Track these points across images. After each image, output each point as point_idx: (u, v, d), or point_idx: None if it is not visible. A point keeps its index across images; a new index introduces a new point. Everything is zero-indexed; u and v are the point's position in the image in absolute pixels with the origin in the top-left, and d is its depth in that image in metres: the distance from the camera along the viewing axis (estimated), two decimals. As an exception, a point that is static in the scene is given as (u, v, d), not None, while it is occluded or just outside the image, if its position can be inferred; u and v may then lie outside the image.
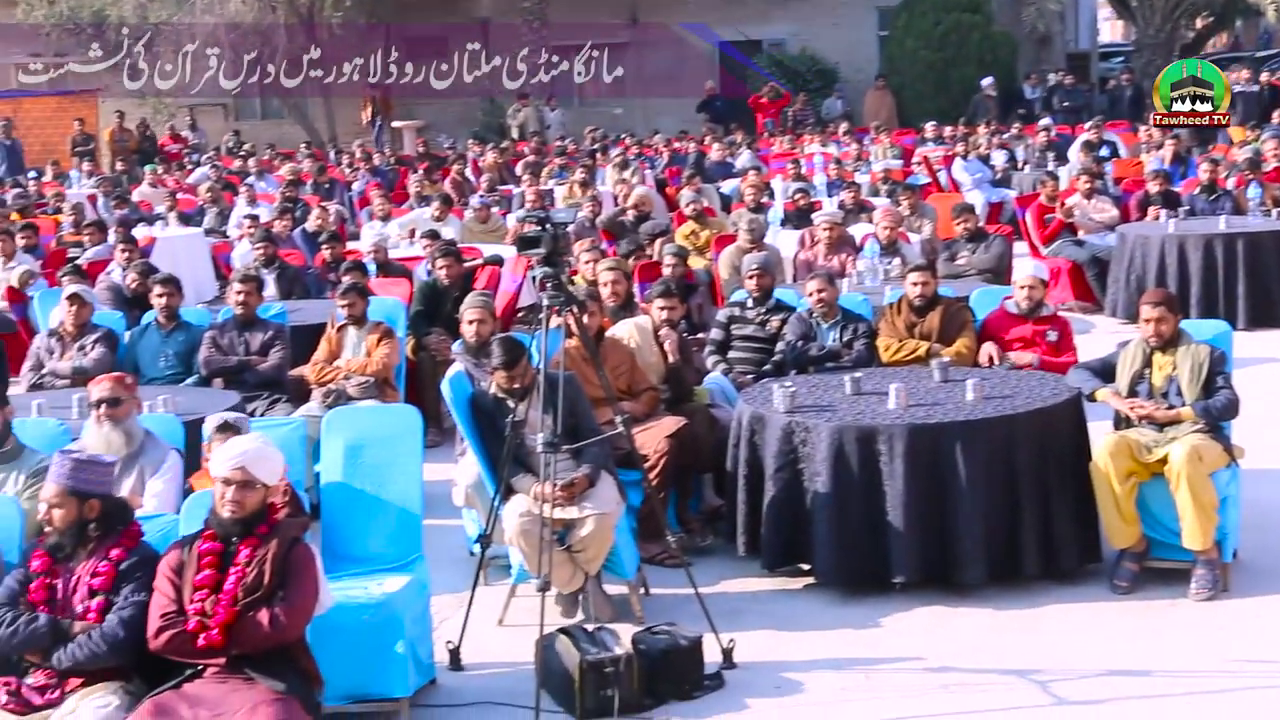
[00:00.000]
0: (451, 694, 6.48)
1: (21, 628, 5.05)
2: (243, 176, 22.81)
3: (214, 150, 28.68)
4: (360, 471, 6.68)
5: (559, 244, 6.49)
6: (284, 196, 18.82)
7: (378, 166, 24.12)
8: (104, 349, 9.73)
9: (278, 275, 12.54)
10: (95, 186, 22.13)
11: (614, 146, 25.32)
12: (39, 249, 15.16)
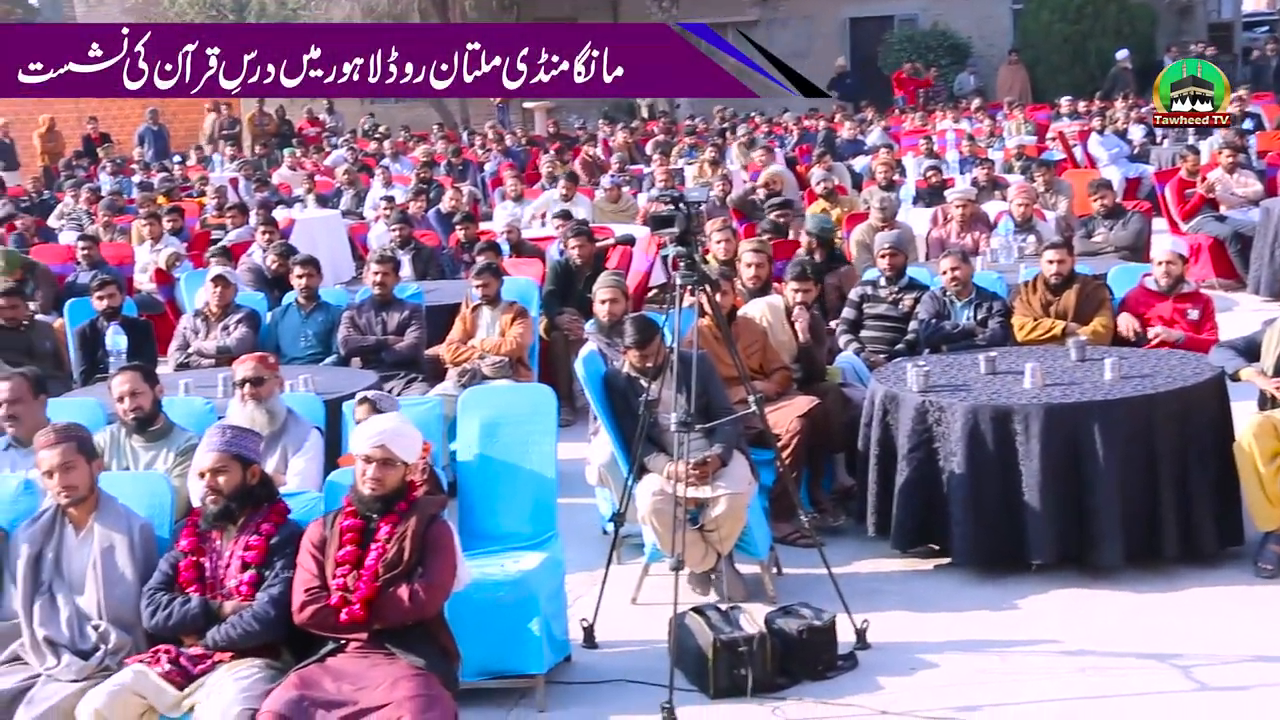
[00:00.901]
0: (586, 671, 6.51)
1: (176, 610, 5.18)
2: (378, 159, 23.05)
3: (350, 134, 29.09)
4: (496, 450, 6.74)
5: (692, 223, 6.48)
6: (419, 178, 19.01)
7: (510, 147, 24.25)
8: (247, 329, 9.90)
9: (413, 256, 12.67)
10: (237, 170, 22.50)
11: (743, 125, 25.22)
12: (184, 232, 15.41)
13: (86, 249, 13.19)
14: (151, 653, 5.12)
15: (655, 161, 19.64)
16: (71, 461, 5.33)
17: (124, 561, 5.32)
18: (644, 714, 6.01)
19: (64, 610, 5.27)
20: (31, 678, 5.11)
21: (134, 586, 5.29)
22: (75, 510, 5.40)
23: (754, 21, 35.27)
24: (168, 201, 17.88)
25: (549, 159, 19.90)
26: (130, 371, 6.81)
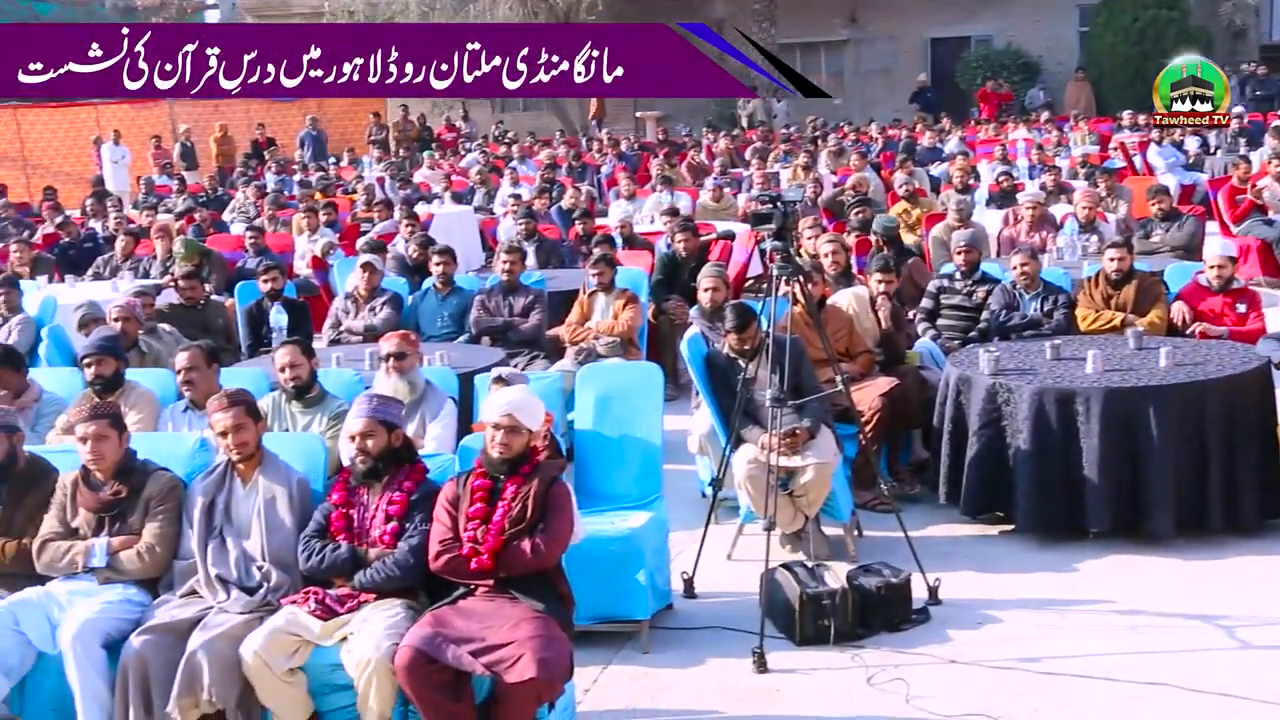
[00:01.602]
0: (685, 618, 6.52)
1: (328, 555, 5.24)
2: (507, 161, 23.15)
3: (482, 138, 29.25)
4: (609, 420, 6.76)
5: (789, 220, 6.45)
6: (542, 178, 19.09)
7: (624, 152, 24.25)
8: (391, 310, 10.00)
9: (537, 247, 12.72)
10: (383, 170, 22.70)
11: (833, 134, 25.01)
12: (338, 224, 15.58)
13: (254, 238, 13.36)
14: (303, 593, 5.19)
15: (754, 165, 19.55)
16: (241, 423, 5.42)
17: (284, 511, 5.40)
18: (736, 658, 6.02)
19: (232, 552, 5.35)
20: (205, 609, 5.19)
21: (292, 533, 5.37)
22: (243, 465, 5.49)
23: (844, 41, 35.02)
24: (324, 197, 18.09)
25: (658, 162, 19.87)
26: (291, 345, 6.90)
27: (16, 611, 5.17)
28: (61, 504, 5.55)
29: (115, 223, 15.96)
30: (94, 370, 7.00)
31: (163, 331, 9.09)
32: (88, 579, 5.39)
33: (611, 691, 5.83)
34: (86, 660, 4.99)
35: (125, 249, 13.76)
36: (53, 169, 26.72)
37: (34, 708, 5.21)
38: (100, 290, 11.97)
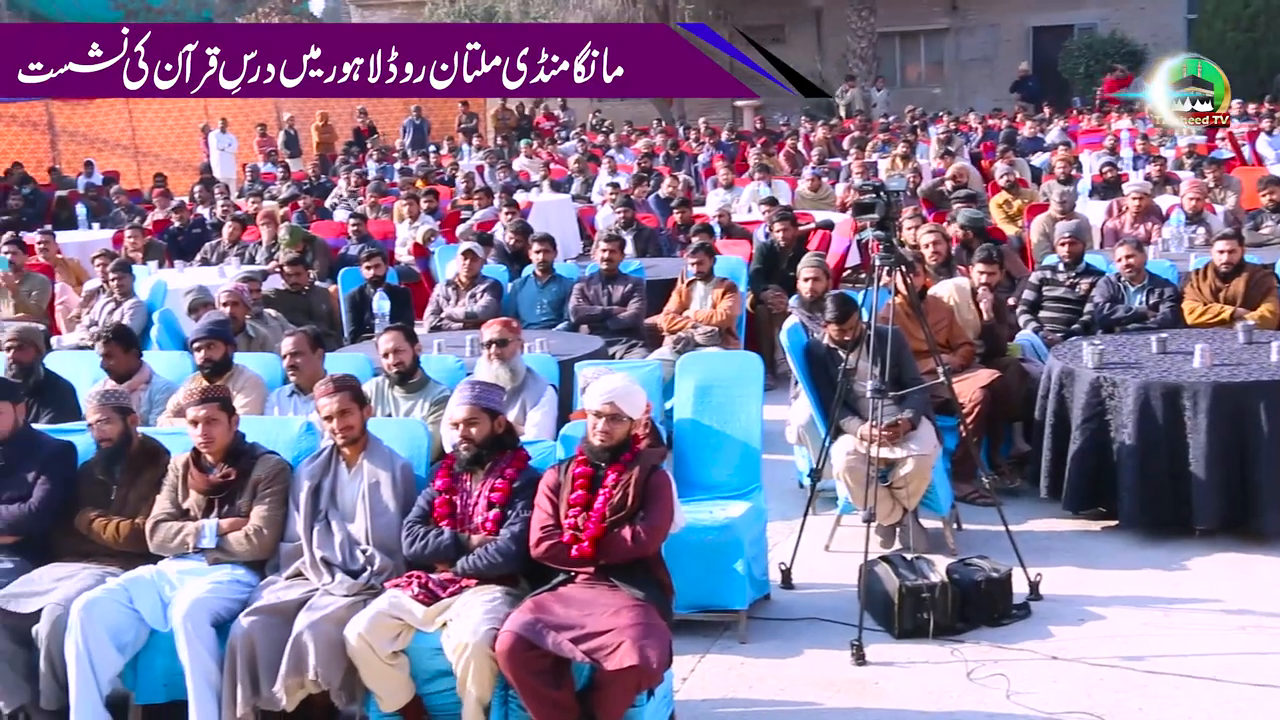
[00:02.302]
0: (783, 609, 6.50)
1: (430, 541, 5.28)
2: (605, 150, 23.20)
3: (580, 127, 29.33)
4: (708, 409, 6.74)
5: (891, 210, 6.39)
6: (640, 167, 19.07)
7: (721, 141, 24.17)
8: (491, 297, 10.05)
9: (635, 236, 12.72)
10: (482, 159, 22.84)
11: (933, 124, 24.74)
12: (438, 211, 15.69)
13: (356, 225, 13.51)
14: (406, 577, 5.23)
15: (852, 155, 19.40)
16: (347, 408, 5.48)
17: (387, 495, 5.45)
18: (834, 649, 5.98)
19: (337, 535, 5.41)
20: (310, 591, 5.26)
21: (395, 518, 5.42)
22: (348, 450, 5.54)
23: (944, 29, 34.63)
24: (425, 185, 18.23)
25: (756, 151, 19.78)
26: (394, 331, 6.96)
27: (130, 589, 5.28)
28: (173, 485, 5.65)
29: (222, 209, 16.24)
30: (204, 354, 7.12)
31: (269, 316, 9.21)
32: (197, 559, 5.49)
33: (709, 680, 5.82)
34: (196, 639, 5.08)
35: (232, 235, 13.98)
36: (162, 156, 27.20)
37: (146, 683, 5.31)
38: (208, 275, 12.18)
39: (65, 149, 27.04)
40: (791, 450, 8.02)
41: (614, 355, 9.08)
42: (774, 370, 9.99)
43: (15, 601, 5.29)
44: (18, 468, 5.78)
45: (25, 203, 19.86)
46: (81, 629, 5.08)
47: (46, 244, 13.22)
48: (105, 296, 10.55)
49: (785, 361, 9.12)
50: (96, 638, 5.11)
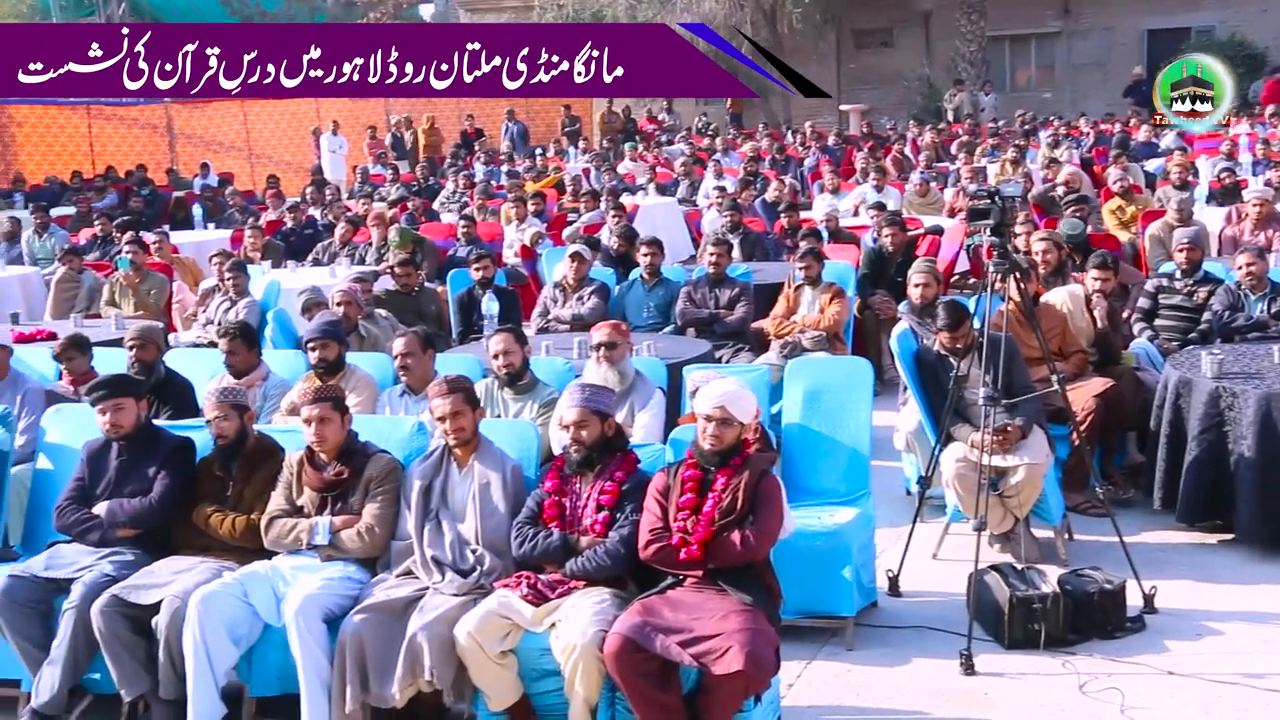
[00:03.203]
0: (890, 616, 6.44)
1: (540, 542, 5.30)
2: (710, 153, 23.17)
3: (686, 130, 29.32)
4: (817, 414, 6.70)
5: (1006, 215, 6.30)
6: (746, 171, 19.02)
7: (827, 145, 24.05)
8: (598, 300, 10.07)
9: (742, 239, 12.67)
10: (589, 162, 22.93)
11: (1043, 128, 24.38)
12: (545, 214, 15.77)
13: (465, 227, 13.63)
14: (515, 578, 5.26)
15: (960, 159, 19.20)
16: (460, 410, 5.52)
17: (498, 496, 5.48)
18: (943, 658, 5.91)
19: (447, 535, 5.45)
20: (421, 590, 5.31)
21: (505, 518, 5.44)
22: (460, 450, 5.58)
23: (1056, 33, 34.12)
24: (535, 186, 18.34)
25: (863, 156, 19.65)
26: (505, 333, 7.01)
27: (246, 584, 5.37)
28: (288, 482, 5.73)
29: (334, 211, 16.47)
30: (318, 354, 7.22)
31: (379, 317, 9.33)
32: (310, 555, 5.56)
33: (815, 687, 5.78)
34: (309, 634, 5.15)
35: (343, 236, 14.18)
36: (275, 158, 27.70)
37: (260, 676, 5.40)
38: (319, 276, 12.36)
39: (182, 151, 27.64)
40: (899, 457, 7.95)
41: (720, 359, 9.06)
42: (881, 376, 9.90)
43: (136, 593, 5.41)
44: (139, 463, 5.91)
45: (145, 203, 20.33)
46: (199, 622, 5.18)
47: (162, 243, 13.53)
48: (221, 295, 10.75)
49: (892, 367, 9.05)
50: (213, 630, 5.20)
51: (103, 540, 5.78)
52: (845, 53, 34.75)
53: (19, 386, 7.42)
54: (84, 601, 5.41)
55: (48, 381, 7.86)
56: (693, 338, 9.55)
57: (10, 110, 26.52)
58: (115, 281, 11.95)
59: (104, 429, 5.96)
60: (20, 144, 26.75)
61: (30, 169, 25.53)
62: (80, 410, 6.62)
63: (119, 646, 5.34)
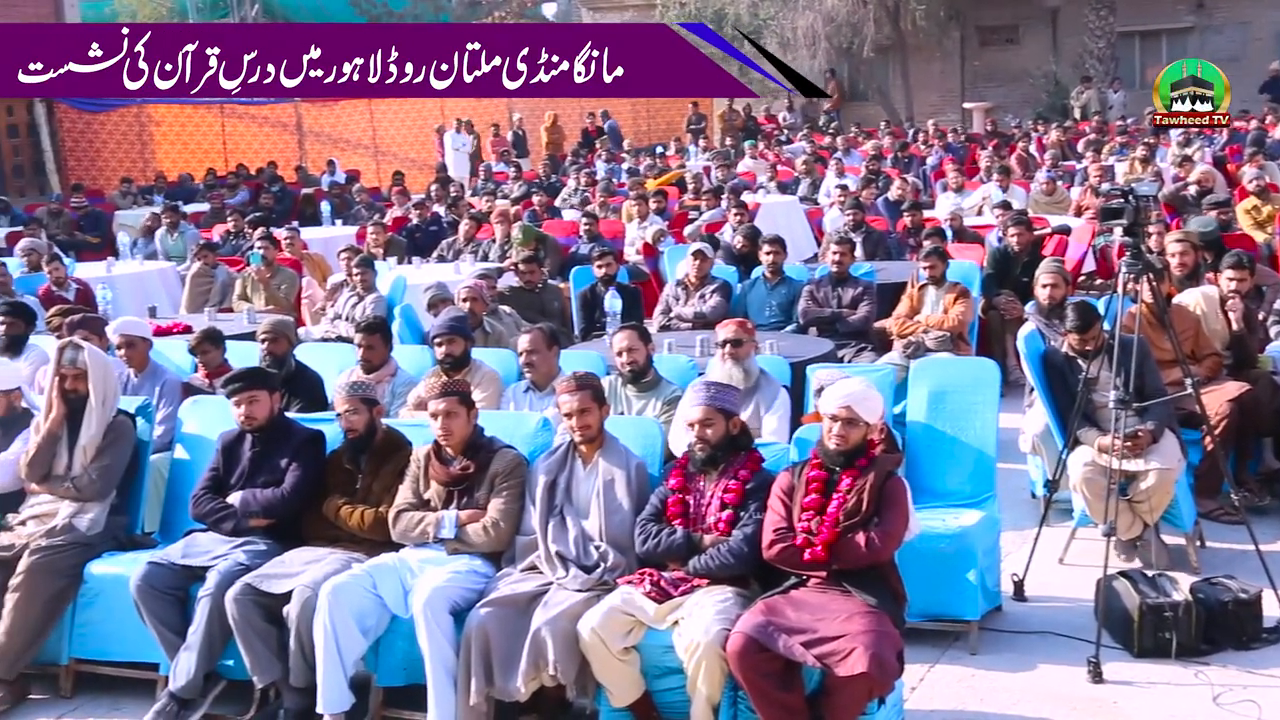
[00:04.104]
0: (1016, 621, 6.34)
1: (663, 539, 5.31)
2: (832, 151, 23.01)
3: (807, 128, 29.16)
4: (943, 415, 6.63)
5: (1140, 215, 6.17)
6: (868, 169, 18.86)
7: (950, 143, 23.74)
8: (720, 298, 10.06)
9: (864, 238, 12.56)
10: (709, 160, 22.90)
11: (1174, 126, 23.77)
12: (667, 212, 15.79)
13: (587, 224, 13.69)
14: (638, 574, 5.28)
15: (1088, 158, 18.82)
16: (587, 407, 5.54)
17: (622, 493, 5.50)
18: (1069, 665, 5.81)
19: (572, 531, 5.48)
20: (545, 584, 5.34)
21: (629, 515, 5.46)
22: (585, 447, 5.61)
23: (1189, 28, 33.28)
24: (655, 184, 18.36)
25: (987, 154, 19.37)
26: (629, 330, 7.02)
27: (375, 575, 5.45)
28: (415, 476, 5.81)
29: (459, 208, 16.65)
30: (444, 349, 7.30)
31: (504, 313, 9.40)
32: (437, 549, 5.63)
33: (939, 691, 5.71)
34: (435, 626, 5.21)
35: (467, 233, 14.32)
36: (400, 156, 28.09)
37: (387, 666, 5.48)
38: (444, 272, 12.51)
39: (311, 149, 28.15)
40: (1024, 459, 7.82)
41: (842, 358, 8.99)
42: (1006, 377, 9.73)
43: (268, 582, 5.52)
44: (272, 454, 6.03)
45: (275, 200, 20.74)
46: (329, 611, 5.27)
47: (293, 239, 13.79)
48: (349, 291, 10.92)
49: (1016, 368, 8.91)
50: (343, 620, 5.28)
51: (236, 530, 5.92)
52: (969, 50, 34.27)
53: (157, 378, 7.63)
54: (219, 589, 5.54)
55: (184, 374, 8.06)
56: (815, 337, 9.48)
57: (149, 110, 27.24)
58: (247, 276, 12.21)
59: (238, 421, 6.10)
60: (158, 143, 27.46)
61: (167, 166, 26.20)
62: (215, 402, 6.78)
63: (252, 634, 5.46)
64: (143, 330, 7.95)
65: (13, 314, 8.68)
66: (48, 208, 19.78)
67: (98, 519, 6.18)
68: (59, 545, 6.00)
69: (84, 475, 6.19)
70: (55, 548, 5.99)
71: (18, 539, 6.08)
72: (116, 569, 5.96)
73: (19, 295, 11.05)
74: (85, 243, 17.92)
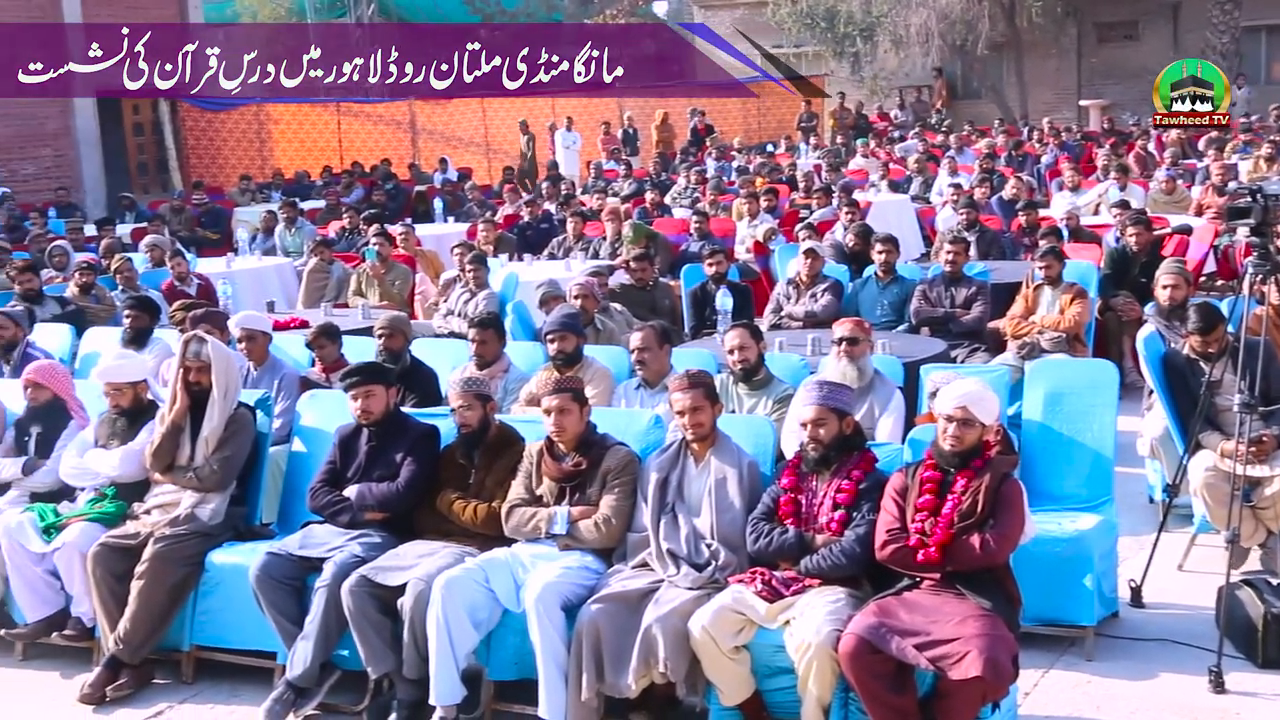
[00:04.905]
0: (1133, 628, 6.22)
1: (775, 539, 5.29)
2: (944, 150, 22.75)
3: (919, 126, 28.87)
4: (1059, 417, 6.52)
5: (1269, 215, 6.02)
6: (981, 168, 18.62)
7: (1066, 141, 23.35)
8: (832, 297, 10.01)
9: (978, 238, 12.40)
10: (819, 158, 22.78)
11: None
12: (778, 210, 15.73)
13: (698, 223, 13.69)
14: (749, 573, 5.26)
15: (1209, 156, 18.41)
16: (700, 405, 5.54)
17: (734, 492, 5.49)
18: (1189, 674, 5.69)
19: (683, 528, 5.48)
20: (656, 582, 5.35)
21: (741, 514, 5.44)
22: (697, 445, 5.60)
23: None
24: (766, 183, 18.30)
25: (1104, 153, 19.03)
26: (741, 328, 7.01)
27: (487, 569, 5.50)
28: (528, 472, 5.85)
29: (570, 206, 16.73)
30: (556, 346, 7.34)
31: (615, 311, 9.44)
32: (549, 544, 5.66)
33: (1053, 697, 5.62)
34: (548, 621, 5.24)
35: (576, 230, 14.39)
36: (511, 154, 28.28)
37: (499, 660, 5.53)
38: (555, 269, 12.58)
39: (424, 146, 28.50)
40: (1142, 463, 7.67)
41: (955, 359, 8.89)
42: (1123, 379, 9.55)
43: (383, 574, 5.59)
44: (388, 448, 6.11)
45: (388, 197, 21.02)
46: (442, 605, 5.32)
47: (407, 235, 13.96)
48: (461, 287, 11.02)
49: (1134, 370, 8.74)
50: (455, 614, 5.33)
51: (352, 522, 6.01)
52: (1087, 46, 33.66)
53: (276, 372, 7.77)
54: (335, 581, 5.62)
55: (301, 368, 8.19)
56: (927, 337, 9.39)
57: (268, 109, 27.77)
58: (362, 272, 12.38)
59: (355, 414, 6.19)
60: (276, 140, 27.95)
61: (284, 164, 26.68)
62: (332, 396, 6.89)
63: (366, 625, 5.54)
64: (263, 324, 8.11)
65: (138, 308, 8.92)
66: (170, 204, 20.25)
67: (219, 509, 6.32)
68: (182, 534, 6.15)
69: (206, 466, 6.32)
70: (178, 537, 6.13)
71: (143, 528, 6.25)
72: (236, 559, 6.09)
73: (144, 289, 11.33)
74: (205, 238, 18.31)
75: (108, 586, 6.10)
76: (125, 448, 6.54)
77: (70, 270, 12.55)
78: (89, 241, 16.03)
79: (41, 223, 18.00)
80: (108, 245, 14.45)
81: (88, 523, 6.35)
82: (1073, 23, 33.30)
